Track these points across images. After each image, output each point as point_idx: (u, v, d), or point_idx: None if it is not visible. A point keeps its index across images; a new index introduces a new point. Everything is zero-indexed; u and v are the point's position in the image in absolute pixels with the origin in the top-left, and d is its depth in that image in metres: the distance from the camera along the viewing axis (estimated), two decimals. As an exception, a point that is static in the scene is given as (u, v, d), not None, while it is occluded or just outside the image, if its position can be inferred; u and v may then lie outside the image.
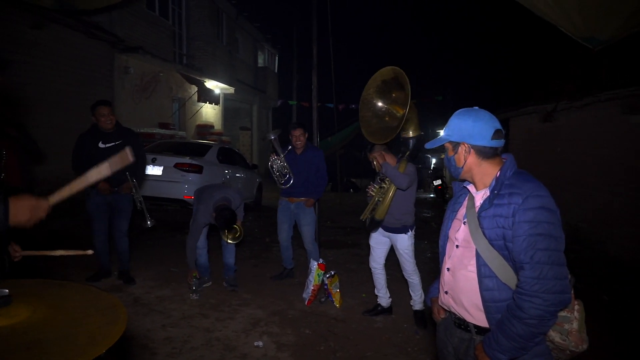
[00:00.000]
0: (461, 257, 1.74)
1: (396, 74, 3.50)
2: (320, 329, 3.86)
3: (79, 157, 4.38)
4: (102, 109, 4.34)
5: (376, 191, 3.81)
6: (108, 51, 9.94)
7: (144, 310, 4.02)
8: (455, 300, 1.76)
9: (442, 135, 1.78)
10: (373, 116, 3.73)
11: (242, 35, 19.18)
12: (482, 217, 1.65)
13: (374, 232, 3.97)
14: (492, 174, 1.70)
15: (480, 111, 1.72)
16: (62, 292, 1.37)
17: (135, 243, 5.68)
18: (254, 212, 9.69)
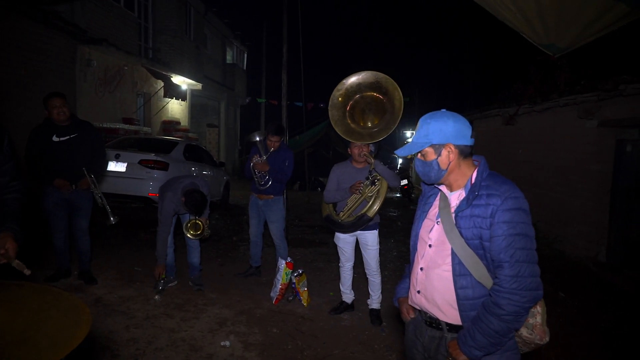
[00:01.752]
0: (435, 256, 1.77)
1: (378, 79, 3.54)
2: (288, 327, 3.86)
3: (31, 151, 4.18)
4: (54, 101, 4.13)
5: (366, 189, 3.76)
6: (69, 43, 9.56)
7: (106, 310, 3.91)
8: (427, 299, 1.79)
9: (420, 140, 1.75)
10: (343, 117, 3.76)
11: (210, 31, 18.88)
12: (459, 217, 1.69)
13: (352, 231, 3.92)
14: (467, 174, 1.75)
15: (453, 113, 1.76)
16: (20, 293, 1.31)
17: (97, 242, 5.51)
18: (220, 211, 9.58)
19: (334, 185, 3.95)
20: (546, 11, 4.25)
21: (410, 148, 1.78)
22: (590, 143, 6.61)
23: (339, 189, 3.90)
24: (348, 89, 3.72)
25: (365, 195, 3.76)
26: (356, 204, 3.81)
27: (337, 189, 3.92)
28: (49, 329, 1.13)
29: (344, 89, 3.73)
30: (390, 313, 4.23)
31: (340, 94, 3.74)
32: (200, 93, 16.89)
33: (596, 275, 6.00)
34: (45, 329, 1.13)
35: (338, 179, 3.95)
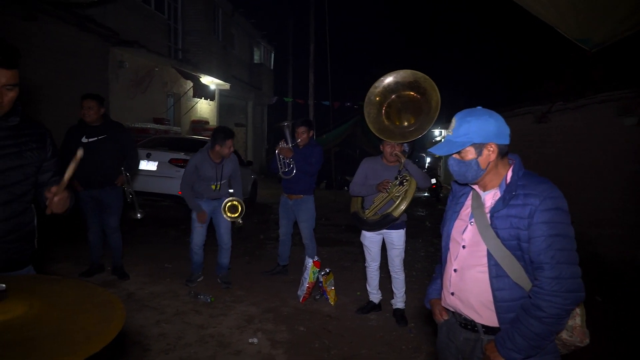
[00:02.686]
0: (469, 257, 1.74)
1: (416, 78, 3.50)
2: (315, 326, 3.86)
3: (64, 151, 4.33)
4: (85, 102, 4.27)
5: (394, 188, 3.71)
6: (102, 45, 9.84)
7: (137, 306, 4.00)
8: (462, 301, 1.76)
9: (460, 139, 1.68)
10: (379, 114, 3.72)
11: (237, 31, 19.09)
12: (495, 217, 1.65)
13: (376, 230, 3.90)
14: (502, 174, 1.71)
15: (491, 110, 1.71)
16: (57, 288, 1.35)
17: (128, 238, 5.65)
18: (248, 209, 9.66)
19: (361, 179, 3.93)
20: (580, 4, 4.11)
21: (449, 147, 1.70)
22: (628, 141, 6.36)
23: (366, 184, 3.86)
24: (385, 87, 3.68)
25: (393, 195, 3.71)
26: (382, 202, 3.77)
27: (364, 184, 3.88)
28: (83, 322, 1.15)
29: (381, 86, 3.68)
30: (417, 314, 4.18)
31: (377, 91, 3.69)
32: (228, 93, 17.10)
33: (634, 279, 5.77)
34: (80, 322, 1.15)
35: (366, 174, 3.92)
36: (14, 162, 1.76)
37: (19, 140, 1.78)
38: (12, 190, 1.76)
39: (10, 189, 1.75)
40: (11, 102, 1.65)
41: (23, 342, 1.03)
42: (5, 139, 1.73)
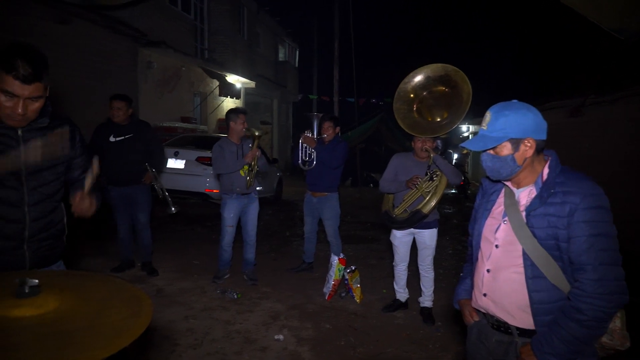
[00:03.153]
0: (502, 257, 1.67)
1: (447, 72, 3.43)
2: (340, 324, 3.85)
3: (92, 148, 4.48)
4: (115, 102, 4.39)
5: (423, 184, 3.65)
6: (131, 46, 10.06)
7: (166, 301, 4.07)
8: (495, 303, 1.70)
9: (496, 134, 1.59)
10: (409, 110, 3.66)
11: (262, 30, 19.20)
12: (532, 216, 1.59)
13: (405, 228, 3.83)
14: (537, 170, 1.64)
15: (527, 104, 1.64)
16: (88, 283, 1.38)
17: (157, 235, 5.76)
18: (273, 207, 9.73)
19: (391, 175, 3.87)
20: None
21: (484, 142, 1.62)
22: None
23: (396, 180, 3.81)
24: (416, 82, 3.62)
25: (422, 191, 3.64)
26: (412, 199, 3.71)
27: (394, 180, 3.82)
28: (113, 317, 1.18)
29: (412, 82, 3.62)
30: (444, 312, 4.12)
31: (408, 87, 3.63)
32: (253, 91, 17.23)
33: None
34: (110, 317, 1.18)
35: (396, 170, 3.86)
36: (46, 163, 1.79)
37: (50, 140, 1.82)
38: (43, 191, 1.80)
39: (42, 189, 1.80)
40: (36, 111, 1.68)
41: (56, 335, 1.06)
42: (37, 140, 1.77)
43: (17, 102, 1.59)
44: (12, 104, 1.59)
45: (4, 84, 1.56)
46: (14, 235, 1.74)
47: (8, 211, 1.72)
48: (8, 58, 1.54)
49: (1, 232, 1.71)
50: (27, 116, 1.65)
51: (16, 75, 1.54)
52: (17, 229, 1.74)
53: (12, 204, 1.71)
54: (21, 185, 1.73)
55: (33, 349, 1.00)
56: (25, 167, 1.73)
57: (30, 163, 1.74)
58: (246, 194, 4.54)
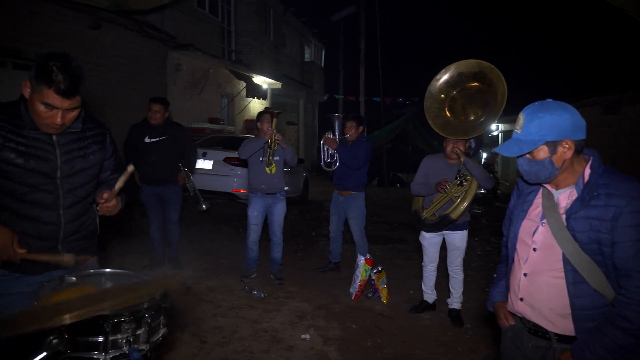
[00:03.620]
0: (541, 261, 1.61)
1: (482, 69, 3.32)
2: (367, 324, 3.83)
3: (127, 146, 4.68)
4: (153, 105, 4.52)
5: (452, 189, 3.56)
6: (160, 49, 10.29)
7: (195, 299, 4.14)
8: (533, 308, 1.64)
9: (531, 137, 1.52)
10: (441, 109, 3.55)
11: (289, 31, 19.30)
12: (572, 219, 1.52)
13: (433, 231, 3.78)
14: (578, 171, 1.56)
15: (563, 103, 1.55)
16: (122, 280, 1.44)
17: (186, 234, 5.86)
18: (300, 206, 9.76)
19: (421, 178, 3.81)
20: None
21: (519, 147, 1.54)
22: None
23: (426, 183, 3.74)
24: (448, 79, 3.49)
25: (451, 195, 3.56)
26: (441, 203, 3.64)
27: (424, 183, 3.76)
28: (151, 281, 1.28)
29: (444, 79, 3.50)
30: (473, 314, 4.04)
31: (439, 84, 3.51)
32: (279, 92, 17.35)
33: None
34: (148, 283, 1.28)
35: (427, 172, 3.79)
36: (80, 165, 1.84)
37: (83, 144, 1.87)
38: (77, 194, 1.85)
39: (76, 192, 1.85)
40: (73, 119, 1.74)
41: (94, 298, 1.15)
42: (71, 144, 1.82)
43: (57, 113, 1.64)
44: (52, 115, 1.64)
45: (45, 97, 1.60)
46: (49, 236, 1.79)
47: (43, 213, 1.77)
48: (49, 72, 1.57)
49: (37, 233, 1.77)
50: (64, 125, 1.71)
51: (57, 89, 1.58)
52: (52, 230, 1.80)
53: (47, 206, 1.77)
54: (56, 188, 1.78)
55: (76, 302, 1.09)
56: (60, 171, 1.78)
57: (64, 167, 1.80)
58: (271, 194, 4.56)
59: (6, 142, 1.68)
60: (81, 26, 7.91)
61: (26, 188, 1.72)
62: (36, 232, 1.76)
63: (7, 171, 1.68)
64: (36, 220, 1.76)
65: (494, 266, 1.94)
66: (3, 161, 1.67)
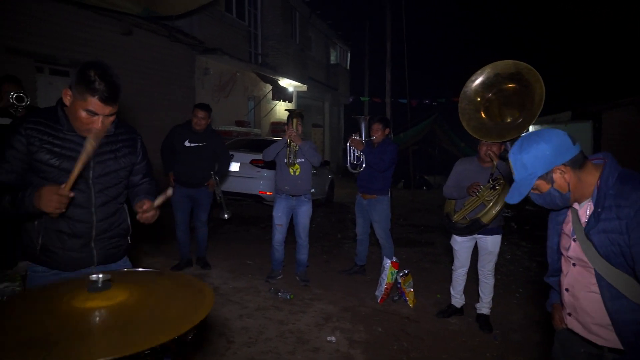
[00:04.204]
0: (579, 276, 1.58)
1: (519, 69, 3.25)
2: (393, 327, 3.80)
3: (166, 146, 4.81)
4: (197, 111, 4.67)
5: (484, 192, 3.50)
6: (189, 53, 10.50)
7: (222, 300, 4.20)
8: (581, 323, 1.60)
9: (524, 178, 1.53)
10: (476, 110, 3.49)
11: (314, 33, 19.39)
12: (592, 234, 1.48)
13: (464, 235, 3.72)
14: (592, 182, 1.52)
15: (539, 131, 1.55)
16: (157, 279, 1.47)
17: (213, 235, 5.96)
18: (325, 209, 9.77)
19: (453, 181, 3.76)
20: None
21: (519, 190, 1.55)
22: None
23: (458, 187, 3.68)
24: (484, 80, 3.42)
25: (483, 199, 3.50)
26: (472, 206, 3.58)
27: (456, 186, 3.70)
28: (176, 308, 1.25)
29: (479, 80, 3.43)
30: (503, 320, 3.97)
31: (475, 85, 3.44)
32: (305, 94, 17.44)
33: None
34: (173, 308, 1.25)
35: (459, 176, 3.74)
36: (110, 167, 1.93)
37: (114, 146, 1.96)
38: (108, 193, 1.94)
39: (107, 192, 1.93)
40: (110, 123, 1.84)
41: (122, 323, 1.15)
42: (103, 147, 1.90)
43: (97, 119, 1.75)
44: (93, 121, 1.75)
45: (88, 105, 1.71)
46: (82, 234, 1.88)
47: (76, 212, 1.85)
48: (91, 81, 1.68)
49: (71, 231, 1.85)
50: (105, 129, 1.82)
51: (100, 97, 1.70)
52: (85, 228, 1.88)
53: (80, 205, 1.85)
54: (88, 188, 1.87)
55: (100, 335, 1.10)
56: (92, 172, 1.87)
57: (96, 168, 1.88)
58: (295, 196, 4.59)
59: (43, 144, 1.77)
60: (113, 33, 8.16)
61: None
62: (70, 229, 1.84)
63: (44, 171, 1.78)
64: (70, 218, 1.84)
65: (524, 271, 1.90)
66: (40, 162, 1.77)
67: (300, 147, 4.44)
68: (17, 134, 1.75)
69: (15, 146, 1.75)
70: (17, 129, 1.77)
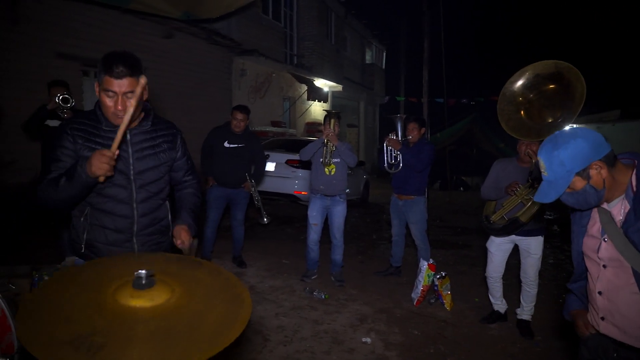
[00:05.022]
0: (614, 278, 1.53)
1: (560, 69, 3.17)
2: (429, 330, 3.74)
3: (206, 146, 4.91)
4: (236, 113, 4.76)
5: (523, 191, 3.41)
6: (226, 55, 10.70)
7: (258, 298, 4.25)
8: (617, 327, 1.54)
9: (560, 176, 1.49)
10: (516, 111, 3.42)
11: (350, 33, 19.34)
12: (630, 232, 1.44)
13: (502, 235, 3.63)
14: (623, 180, 1.49)
15: (571, 129, 1.55)
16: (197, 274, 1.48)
17: (249, 234, 6.05)
18: (360, 209, 9.73)
19: (491, 181, 3.68)
20: None
21: (554, 189, 1.52)
22: None
23: (496, 187, 3.60)
24: (525, 82, 3.38)
25: (522, 198, 3.40)
26: (510, 205, 3.48)
27: (494, 187, 3.62)
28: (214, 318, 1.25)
29: (520, 82, 3.40)
30: (544, 326, 3.83)
31: (515, 87, 3.41)
32: (340, 94, 17.42)
33: None
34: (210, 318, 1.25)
35: (497, 176, 3.65)
36: (151, 163, 1.97)
37: (154, 142, 2.00)
38: (149, 189, 1.99)
39: (148, 187, 1.98)
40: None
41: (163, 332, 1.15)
42: (143, 143, 1.96)
43: (117, 100, 1.78)
44: (113, 102, 1.78)
45: (105, 84, 1.76)
46: (125, 229, 1.94)
47: (118, 207, 1.92)
48: (105, 61, 1.75)
49: (114, 225, 1.92)
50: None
51: (111, 73, 1.74)
52: (127, 224, 1.94)
53: (122, 200, 1.91)
54: (129, 183, 1.92)
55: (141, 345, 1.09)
56: (133, 168, 1.92)
57: (137, 164, 1.93)
58: (330, 196, 4.59)
59: (85, 142, 1.85)
60: (155, 36, 8.42)
61: (103, 183, 1.87)
62: (113, 225, 1.91)
63: None
64: (112, 214, 1.91)
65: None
66: (85, 158, 1.82)
67: (337, 147, 4.44)
68: (64, 134, 1.86)
69: (65, 145, 1.84)
70: (64, 130, 1.87)
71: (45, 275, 3.72)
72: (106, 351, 1.05)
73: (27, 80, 6.13)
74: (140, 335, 1.13)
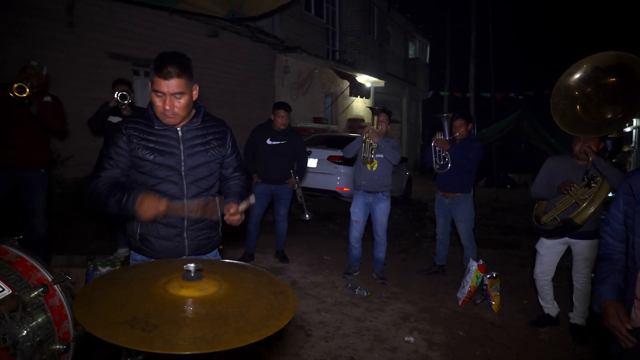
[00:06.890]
0: None
1: (622, 61, 2.96)
2: (475, 332, 3.64)
3: (249, 144, 4.97)
4: (279, 111, 4.82)
5: (578, 191, 3.23)
6: (270, 52, 10.82)
7: (300, 293, 4.28)
8: None
9: None
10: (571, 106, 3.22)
11: (393, 28, 19.07)
12: None
13: (554, 238, 3.45)
14: None
15: None
16: (241, 273, 1.51)
17: (292, 230, 6.09)
18: (403, 206, 9.60)
19: (543, 179, 3.50)
20: None
21: None
22: None
23: (548, 185, 3.42)
24: (583, 75, 3.17)
25: (577, 198, 3.21)
26: (563, 206, 3.30)
27: (546, 185, 3.44)
28: (261, 307, 1.27)
29: (577, 75, 3.19)
30: (597, 331, 3.62)
31: (571, 80, 3.19)
32: (382, 90, 17.24)
33: None
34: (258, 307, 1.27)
35: (549, 174, 3.47)
36: (201, 159, 2.01)
37: (205, 139, 2.03)
38: (200, 185, 2.02)
39: (198, 183, 2.02)
40: (183, 108, 1.88)
41: (212, 316, 1.20)
42: (194, 139, 2.00)
43: (165, 100, 1.82)
44: (162, 102, 1.83)
45: (155, 85, 1.82)
46: (175, 224, 1.99)
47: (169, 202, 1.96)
48: (158, 63, 1.80)
49: (165, 220, 1.97)
50: (175, 112, 1.86)
51: (160, 74, 1.78)
52: (178, 218, 1.98)
53: (173, 196, 1.96)
54: (181, 179, 1.97)
55: (194, 326, 1.14)
56: (184, 164, 1.96)
57: (187, 160, 1.97)
58: (372, 192, 4.54)
59: (140, 141, 1.91)
60: (200, 35, 8.63)
61: (156, 180, 1.93)
62: (164, 219, 1.96)
63: (141, 165, 1.92)
64: None
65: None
66: (138, 157, 1.91)
67: (379, 144, 4.37)
68: (119, 133, 1.92)
69: (119, 144, 1.91)
70: (120, 129, 1.93)
71: (99, 266, 3.91)
72: (161, 329, 1.10)
73: (81, 79, 6.44)
74: (192, 317, 1.18)
